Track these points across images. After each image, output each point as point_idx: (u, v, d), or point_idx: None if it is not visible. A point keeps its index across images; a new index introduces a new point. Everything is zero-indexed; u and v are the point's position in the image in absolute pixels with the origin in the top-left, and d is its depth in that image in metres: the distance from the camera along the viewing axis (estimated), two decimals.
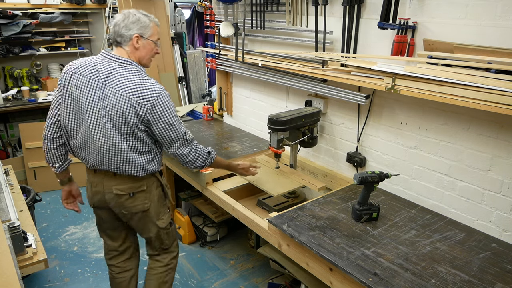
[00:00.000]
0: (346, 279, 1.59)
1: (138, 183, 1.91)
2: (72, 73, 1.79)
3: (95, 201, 1.98)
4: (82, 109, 1.78)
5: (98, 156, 1.83)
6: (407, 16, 1.91)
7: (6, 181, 2.39)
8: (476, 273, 1.52)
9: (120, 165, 1.83)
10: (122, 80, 1.74)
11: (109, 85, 1.74)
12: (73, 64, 1.83)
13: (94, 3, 4.70)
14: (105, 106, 1.74)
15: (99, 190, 1.92)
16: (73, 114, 1.81)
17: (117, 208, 1.94)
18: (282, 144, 2.30)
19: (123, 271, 2.17)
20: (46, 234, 3.31)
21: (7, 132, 4.50)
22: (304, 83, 2.44)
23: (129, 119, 1.75)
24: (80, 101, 1.77)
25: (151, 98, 1.74)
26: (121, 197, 1.90)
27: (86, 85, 1.76)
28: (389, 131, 2.19)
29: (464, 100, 1.62)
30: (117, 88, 1.73)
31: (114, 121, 1.75)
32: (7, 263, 1.43)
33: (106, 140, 1.78)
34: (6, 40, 4.15)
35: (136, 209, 1.94)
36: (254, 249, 3.02)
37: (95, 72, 1.77)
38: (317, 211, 1.98)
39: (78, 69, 1.79)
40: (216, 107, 3.50)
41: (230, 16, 2.91)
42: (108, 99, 1.73)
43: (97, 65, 1.78)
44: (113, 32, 1.82)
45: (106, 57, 1.81)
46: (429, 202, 2.07)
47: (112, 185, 1.88)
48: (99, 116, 1.76)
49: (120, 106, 1.73)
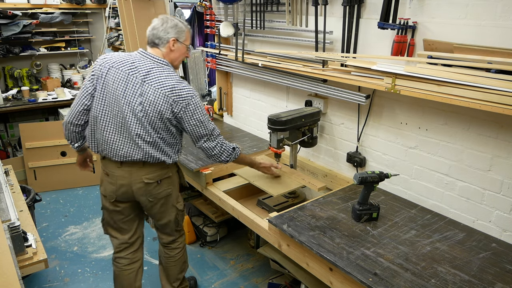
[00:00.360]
0: (346, 279, 1.59)
1: (165, 171, 2.07)
2: (109, 67, 1.90)
3: (119, 194, 2.05)
4: (118, 102, 1.89)
5: (131, 147, 1.94)
6: (407, 16, 1.91)
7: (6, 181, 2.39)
8: (476, 273, 1.52)
9: (154, 154, 1.97)
10: (161, 79, 1.89)
11: (148, 83, 1.88)
12: (110, 58, 1.93)
13: (94, 3, 4.70)
14: (143, 102, 1.87)
15: (125, 182, 2.02)
16: (106, 107, 1.92)
17: (143, 196, 2.05)
18: (282, 144, 2.30)
19: (132, 263, 2.25)
20: (46, 234, 3.31)
21: (7, 132, 4.50)
22: (304, 83, 2.44)
23: (164, 114, 1.90)
24: (116, 95, 1.89)
25: (186, 98, 1.90)
26: (150, 185, 2.03)
27: (124, 80, 1.88)
28: (389, 131, 2.19)
29: (464, 100, 1.62)
30: (156, 86, 1.87)
31: (150, 116, 1.89)
32: (7, 263, 1.43)
33: (141, 133, 1.91)
34: (6, 40, 4.15)
35: (161, 194, 2.09)
36: (254, 249, 3.02)
37: (133, 68, 1.89)
38: (317, 211, 1.98)
39: (116, 64, 1.90)
40: (216, 107, 3.50)
41: (230, 16, 2.91)
42: (146, 95, 1.87)
43: (136, 63, 1.91)
44: (152, 34, 1.95)
45: (144, 55, 1.94)
46: (429, 202, 2.07)
47: (141, 175, 2.00)
48: (136, 111, 1.88)
49: (158, 103, 1.87)
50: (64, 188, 4.10)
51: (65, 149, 3.98)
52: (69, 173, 4.05)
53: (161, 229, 2.26)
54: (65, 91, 4.38)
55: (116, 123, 1.92)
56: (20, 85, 4.48)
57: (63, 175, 4.04)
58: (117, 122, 1.92)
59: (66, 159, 4.01)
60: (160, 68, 1.91)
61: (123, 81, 1.88)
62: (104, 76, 1.90)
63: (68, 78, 4.77)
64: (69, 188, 4.10)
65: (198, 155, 2.74)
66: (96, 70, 1.93)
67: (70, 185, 4.11)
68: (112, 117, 1.92)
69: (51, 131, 3.92)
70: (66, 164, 4.02)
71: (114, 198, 2.07)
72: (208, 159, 2.18)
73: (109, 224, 2.19)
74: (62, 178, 4.05)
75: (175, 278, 2.38)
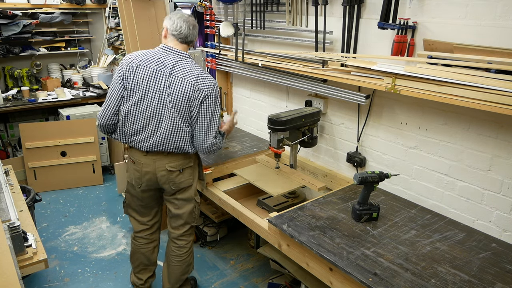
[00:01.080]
0: (346, 279, 1.59)
1: (187, 160, 2.18)
2: (137, 66, 2.02)
3: (144, 181, 2.18)
4: (148, 96, 2.02)
5: (159, 137, 2.06)
6: (407, 16, 1.91)
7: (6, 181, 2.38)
8: (476, 273, 1.52)
9: (179, 144, 2.09)
10: (186, 69, 2.03)
11: (174, 74, 2.01)
12: (135, 58, 2.05)
13: (94, 3, 4.70)
14: (171, 93, 2.00)
15: (150, 170, 2.14)
16: (138, 101, 2.04)
17: (166, 184, 2.17)
18: (282, 144, 2.30)
19: (149, 242, 2.42)
20: (46, 234, 3.31)
21: (7, 132, 4.50)
22: (304, 83, 2.44)
23: (191, 102, 2.03)
24: (147, 90, 2.02)
25: (210, 85, 2.06)
26: (172, 173, 2.15)
27: (153, 75, 2.01)
28: (389, 131, 2.19)
29: (464, 100, 1.62)
30: (182, 77, 2.01)
31: (178, 106, 2.02)
32: (7, 263, 1.43)
33: (170, 123, 2.04)
34: (6, 40, 4.15)
35: (184, 184, 2.20)
36: (254, 249, 3.02)
37: (160, 64, 2.02)
38: (317, 211, 1.98)
39: (143, 62, 2.03)
40: None
41: (230, 16, 2.91)
42: (173, 86, 2.00)
43: (162, 58, 2.04)
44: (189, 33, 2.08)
45: (169, 50, 2.07)
46: (429, 202, 2.07)
47: (164, 163, 2.12)
48: (165, 102, 2.01)
49: (186, 91, 2.01)
50: (64, 188, 4.10)
51: (65, 149, 3.99)
52: (69, 173, 4.05)
53: (176, 219, 2.30)
54: (65, 91, 4.38)
55: (146, 117, 2.05)
56: (20, 85, 4.48)
57: (63, 175, 4.04)
58: (146, 116, 2.04)
59: (66, 159, 4.01)
60: (184, 60, 2.06)
61: (152, 77, 2.01)
62: (133, 75, 2.02)
63: (68, 78, 4.77)
64: (69, 188, 4.10)
65: None
66: (123, 71, 2.04)
67: (70, 185, 4.11)
68: (142, 111, 2.04)
69: (51, 131, 3.92)
70: (66, 164, 4.02)
71: (140, 185, 2.20)
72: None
73: (130, 206, 2.35)
74: (62, 178, 4.05)
75: (177, 279, 2.40)
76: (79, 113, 4.09)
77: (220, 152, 2.80)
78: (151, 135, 2.06)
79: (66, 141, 3.93)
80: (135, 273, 2.51)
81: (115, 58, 4.87)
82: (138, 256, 2.44)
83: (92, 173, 4.18)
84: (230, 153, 2.79)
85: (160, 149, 2.08)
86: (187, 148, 2.11)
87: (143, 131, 2.07)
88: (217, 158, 2.69)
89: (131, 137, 2.11)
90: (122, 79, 2.04)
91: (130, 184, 2.27)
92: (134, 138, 2.10)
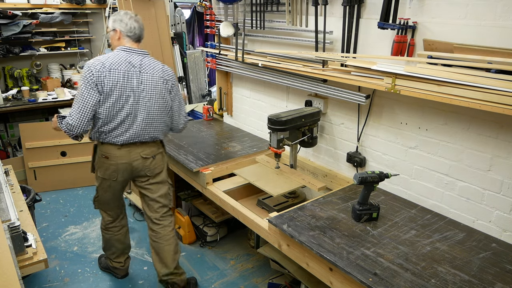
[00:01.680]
0: (346, 279, 1.59)
1: (157, 147, 2.38)
2: (109, 70, 2.12)
3: (119, 172, 2.31)
4: (124, 96, 2.16)
5: (135, 130, 2.23)
6: (407, 16, 1.91)
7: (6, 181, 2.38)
8: (476, 273, 1.52)
9: (153, 134, 2.30)
10: (151, 66, 2.25)
11: (144, 72, 2.21)
12: (104, 63, 2.13)
13: (94, 3, 4.70)
14: (145, 89, 2.20)
15: (125, 161, 2.28)
16: (115, 102, 2.16)
17: (142, 171, 2.34)
18: (282, 144, 2.30)
19: (121, 229, 2.63)
20: (46, 234, 3.31)
21: (7, 132, 4.50)
22: (304, 83, 2.44)
23: (163, 94, 2.27)
24: (122, 91, 2.15)
25: (172, 75, 2.34)
26: (147, 160, 2.32)
27: (125, 76, 2.15)
28: (389, 131, 2.19)
29: (464, 100, 1.62)
30: (151, 73, 2.23)
31: (153, 99, 2.23)
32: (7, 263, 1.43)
33: (146, 116, 2.23)
34: (6, 40, 4.14)
35: (157, 169, 2.39)
36: (254, 249, 3.02)
37: (129, 65, 2.18)
38: (317, 211, 1.98)
39: (114, 65, 2.14)
40: (216, 107, 3.50)
41: (230, 16, 2.91)
42: (145, 82, 2.20)
43: (128, 59, 2.19)
44: (140, 32, 2.29)
45: (131, 51, 2.22)
46: (429, 202, 2.07)
47: (138, 152, 2.29)
48: (140, 98, 2.19)
49: (157, 85, 2.24)
50: (64, 188, 4.10)
51: (65, 149, 3.98)
52: (69, 173, 4.05)
53: (154, 203, 2.44)
54: (65, 91, 4.38)
55: (123, 115, 2.18)
56: (20, 85, 4.47)
57: (63, 175, 4.04)
58: (123, 114, 2.18)
59: (66, 159, 4.00)
60: (147, 58, 2.26)
61: (125, 78, 2.15)
62: (107, 79, 2.11)
63: (68, 78, 4.77)
64: (69, 188, 4.10)
65: (198, 155, 2.74)
66: (95, 77, 2.10)
67: (70, 185, 4.11)
68: (119, 110, 2.17)
69: (51, 131, 3.88)
70: (66, 164, 4.02)
71: (116, 177, 2.33)
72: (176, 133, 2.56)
73: (102, 201, 2.50)
74: (62, 178, 4.05)
75: (172, 258, 2.46)
76: None
77: (220, 152, 2.80)
78: (127, 129, 2.21)
79: (66, 141, 3.93)
80: (112, 259, 2.70)
81: None
82: (113, 243, 2.63)
83: (92, 173, 4.17)
84: (230, 153, 2.79)
85: (135, 141, 2.25)
86: (159, 136, 2.34)
87: (119, 127, 2.20)
88: (217, 158, 2.70)
89: (107, 134, 2.21)
90: (96, 84, 2.10)
91: (103, 180, 2.37)
92: (110, 134, 2.21)
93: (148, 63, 2.24)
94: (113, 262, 2.72)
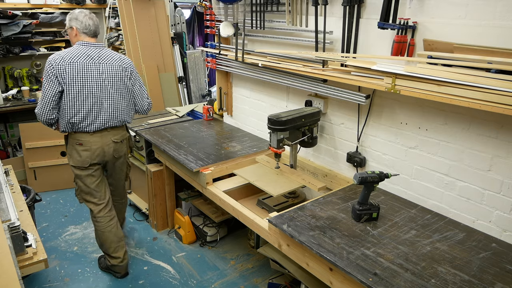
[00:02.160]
0: (346, 279, 1.59)
1: (124, 132, 2.70)
2: (68, 64, 2.36)
3: (94, 157, 2.55)
4: (86, 87, 2.41)
5: (104, 117, 2.49)
6: (407, 16, 1.91)
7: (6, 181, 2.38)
8: (476, 273, 1.52)
9: (121, 118, 2.58)
10: (108, 56, 2.50)
11: (103, 63, 2.46)
12: (64, 57, 2.36)
13: (94, 3, 4.70)
14: (106, 78, 2.46)
15: (99, 146, 2.54)
16: (77, 93, 2.40)
17: (111, 154, 2.62)
18: (282, 144, 2.30)
19: (111, 219, 2.72)
20: (46, 234, 3.31)
21: (7, 132, 4.50)
22: (304, 83, 2.44)
23: (124, 80, 2.55)
24: (83, 82, 2.40)
25: (129, 62, 2.61)
26: (116, 144, 2.62)
27: (85, 68, 2.40)
28: (389, 131, 2.19)
29: (464, 100, 1.62)
30: (110, 63, 2.48)
31: (115, 87, 2.50)
32: (7, 263, 1.43)
33: (111, 102, 2.51)
34: (6, 40, 4.14)
35: (123, 152, 2.71)
36: (254, 249, 3.02)
37: (87, 57, 2.42)
38: (317, 211, 1.98)
39: (73, 59, 2.38)
40: (216, 107, 3.50)
41: (230, 16, 2.91)
42: (106, 72, 2.46)
43: (86, 52, 2.43)
44: (96, 27, 2.53)
45: (89, 45, 2.46)
46: (429, 202, 2.07)
47: (110, 137, 2.58)
48: (102, 87, 2.45)
49: (117, 73, 2.51)
50: (64, 188, 4.10)
51: (65, 149, 3.98)
52: (70, 173, 3.99)
53: (118, 181, 2.86)
54: None
55: (88, 104, 2.43)
56: (20, 85, 4.47)
57: (63, 175, 4.04)
58: (89, 103, 2.43)
59: (66, 159, 3.99)
60: (103, 50, 2.51)
61: (85, 70, 2.40)
62: (67, 72, 2.35)
63: None
64: (69, 188, 4.10)
65: (198, 155, 2.74)
66: (55, 70, 2.34)
67: (70, 185, 4.10)
68: (84, 100, 2.42)
69: (51, 131, 3.86)
70: (66, 164, 4.01)
71: (89, 163, 2.54)
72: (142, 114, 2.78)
73: (84, 191, 2.65)
74: (62, 178, 4.05)
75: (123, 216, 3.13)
76: None
77: (220, 152, 2.80)
78: (96, 117, 2.47)
79: None
80: (110, 253, 2.73)
81: None
82: (107, 236, 2.70)
83: None
84: (230, 153, 2.79)
85: (106, 127, 2.52)
86: (127, 119, 2.63)
87: (88, 117, 2.45)
88: (217, 158, 2.70)
89: (78, 125, 2.45)
90: (56, 77, 2.34)
91: (79, 169, 2.57)
92: (80, 125, 2.46)
93: (106, 54, 2.49)
94: (112, 259, 2.74)
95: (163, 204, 3.29)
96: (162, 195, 3.26)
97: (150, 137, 3.11)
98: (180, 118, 3.71)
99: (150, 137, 3.11)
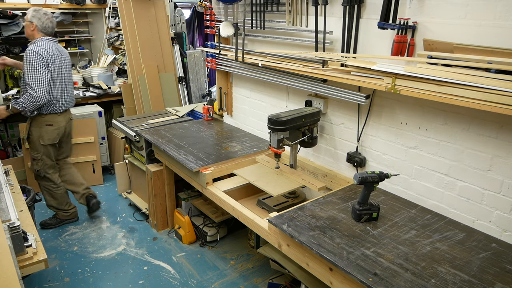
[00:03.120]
0: (346, 279, 1.59)
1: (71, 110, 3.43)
2: (51, 55, 3.03)
3: (60, 134, 3.23)
4: (60, 72, 3.13)
5: (68, 99, 3.25)
6: (407, 16, 1.91)
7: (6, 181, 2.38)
8: (476, 273, 1.52)
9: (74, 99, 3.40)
10: (63, 50, 3.24)
11: (63, 55, 3.19)
12: (48, 48, 3.01)
13: (94, 3, 4.70)
14: (67, 66, 3.22)
15: (64, 124, 3.24)
16: (57, 78, 3.11)
17: (69, 129, 3.36)
18: (282, 144, 2.30)
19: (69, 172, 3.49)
20: (46, 234, 3.31)
21: (7, 132, 4.50)
22: (304, 83, 2.44)
23: (70, 68, 3.29)
24: (59, 68, 3.12)
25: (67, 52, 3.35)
26: (71, 121, 3.38)
27: (58, 58, 3.10)
28: (389, 131, 2.19)
29: (464, 100, 1.62)
30: (66, 54, 3.23)
31: (69, 74, 3.26)
32: (7, 263, 1.43)
33: (71, 86, 3.29)
34: (6, 40, 4.15)
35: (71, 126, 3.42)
36: (254, 249, 3.02)
37: (56, 50, 3.10)
38: (317, 211, 1.98)
39: (52, 51, 3.04)
40: (216, 107, 3.50)
41: (230, 16, 2.91)
42: (66, 61, 3.21)
43: (55, 46, 3.11)
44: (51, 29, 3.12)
45: (54, 41, 3.13)
46: (429, 202, 2.07)
47: (68, 116, 3.30)
48: (66, 73, 3.19)
49: (69, 63, 3.27)
50: None
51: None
52: None
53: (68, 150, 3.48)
54: None
55: (61, 87, 3.14)
56: (20, 85, 4.46)
57: None
58: (62, 87, 3.14)
59: None
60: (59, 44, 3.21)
61: (58, 59, 3.10)
62: (51, 60, 3.02)
63: None
64: None
65: (198, 155, 2.74)
66: (45, 59, 2.96)
67: None
68: (59, 84, 3.13)
69: None
70: None
71: (58, 139, 3.23)
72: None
73: (49, 165, 3.25)
74: None
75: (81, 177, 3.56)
76: (79, 113, 4.09)
77: (220, 152, 2.80)
78: (66, 99, 3.19)
79: None
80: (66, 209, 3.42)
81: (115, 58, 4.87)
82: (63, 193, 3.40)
83: (92, 173, 4.18)
84: (230, 153, 2.79)
85: (69, 107, 3.28)
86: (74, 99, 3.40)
87: (61, 98, 3.15)
88: (217, 158, 2.70)
89: (54, 105, 3.10)
90: (47, 65, 2.97)
91: (47, 146, 3.17)
92: (56, 105, 3.12)
93: (63, 48, 3.22)
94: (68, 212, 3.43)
95: (163, 204, 3.29)
96: (162, 195, 3.26)
97: (150, 137, 3.11)
98: (180, 118, 3.71)
99: (150, 137, 3.11)
